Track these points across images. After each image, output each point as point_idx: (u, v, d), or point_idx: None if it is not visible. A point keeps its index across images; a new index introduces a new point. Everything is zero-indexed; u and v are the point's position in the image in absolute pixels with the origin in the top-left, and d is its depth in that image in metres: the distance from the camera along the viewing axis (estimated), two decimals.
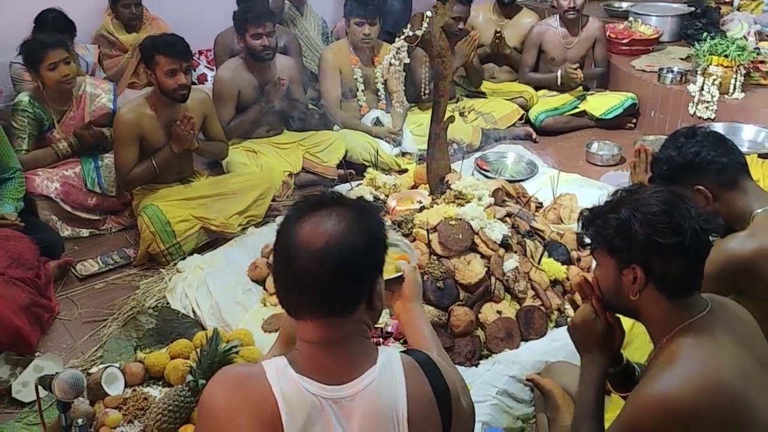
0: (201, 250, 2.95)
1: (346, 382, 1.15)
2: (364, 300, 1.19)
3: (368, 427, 1.13)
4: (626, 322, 2.20)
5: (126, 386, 2.18)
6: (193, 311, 2.54)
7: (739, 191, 1.74)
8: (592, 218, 1.44)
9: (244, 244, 2.91)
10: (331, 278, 1.13)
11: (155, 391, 2.17)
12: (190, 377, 2.04)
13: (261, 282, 2.64)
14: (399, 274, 1.53)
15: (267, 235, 2.92)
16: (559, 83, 4.14)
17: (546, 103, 4.19)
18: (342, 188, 3.10)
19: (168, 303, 2.62)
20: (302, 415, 1.11)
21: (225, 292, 2.57)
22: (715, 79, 3.70)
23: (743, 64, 3.75)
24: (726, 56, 3.73)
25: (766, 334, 1.46)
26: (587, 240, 1.47)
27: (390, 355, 1.21)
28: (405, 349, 1.59)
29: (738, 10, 4.75)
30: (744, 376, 1.31)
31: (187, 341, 2.33)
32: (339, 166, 3.48)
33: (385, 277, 1.55)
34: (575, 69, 4.05)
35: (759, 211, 1.72)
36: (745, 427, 1.28)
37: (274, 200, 3.22)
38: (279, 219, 2.96)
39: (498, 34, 4.18)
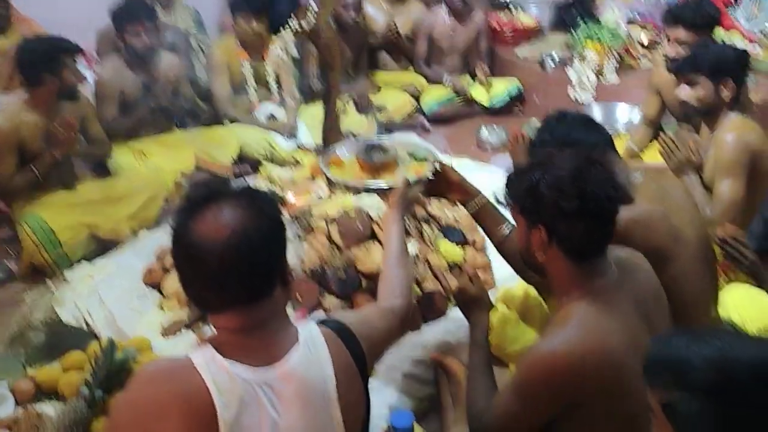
0: (90, 258, 2.81)
1: (273, 363, 1.16)
2: (278, 279, 1.20)
3: (300, 404, 1.15)
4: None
5: (16, 405, 2.06)
6: (86, 322, 2.43)
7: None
8: (511, 178, 1.52)
9: (136, 249, 2.80)
10: (245, 266, 1.13)
11: (49, 408, 2.06)
12: (85, 390, 1.95)
13: (156, 286, 2.55)
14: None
15: (160, 237, 2.81)
16: (446, 85, 4.24)
17: (436, 93, 4.29)
18: (237, 185, 3.04)
19: (57, 316, 2.49)
20: (235, 402, 1.11)
21: (118, 299, 2.47)
22: (591, 64, 3.92)
23: (616, 49, 4.00)
24: (599, 41, 3.96)
25: None
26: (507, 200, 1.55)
27: (310, 330, 1.24)
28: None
29: None
30: (634, 347, 1.35)
31: (81, 353, 2.21)
32: (233, 163, 3.41)
33: (386, 185, 1.85)
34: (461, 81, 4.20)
35: None
36: (633, 398, 1.32)
37: (166, 201, 3.12)
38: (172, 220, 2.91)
39: (395, 32, 4.22)
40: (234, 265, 1.12)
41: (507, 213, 1.62)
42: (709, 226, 2.09)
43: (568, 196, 1.37)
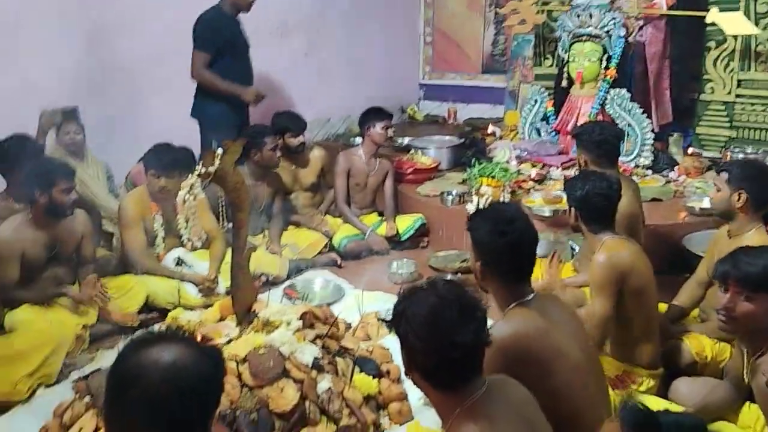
0: None
1: None
2: (200, 428, 1.21)
3: None
4: None
5: None
6: None
7: None
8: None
9: (31, 408, 2.62)
10: (175, 395, 1.16)
11: None
12: None
13: None
14: None
15: (61, 394, 2.66)
16: (366, 238, 4.37)
17: (348, 230, 4.42)
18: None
19: None
20: None
21: None
22: (486, 198, 4.19)
23: (508, 184, 4.32)
24: (493, 177, 4.28)
25: None
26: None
27: None
28: None
29: (500, 139, 5.52)
30: None
31: None
32: (140, 312, 3.31)
33: None
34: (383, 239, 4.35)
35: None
36: None
37: (67, 356, 2.97)
38: (74, 375, 2.76)
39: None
40: (165, 391, 1.16)
41: None
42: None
43: (419, 336, 1.49)
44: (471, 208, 4.25)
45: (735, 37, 4.88)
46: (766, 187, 2.67)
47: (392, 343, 3.03)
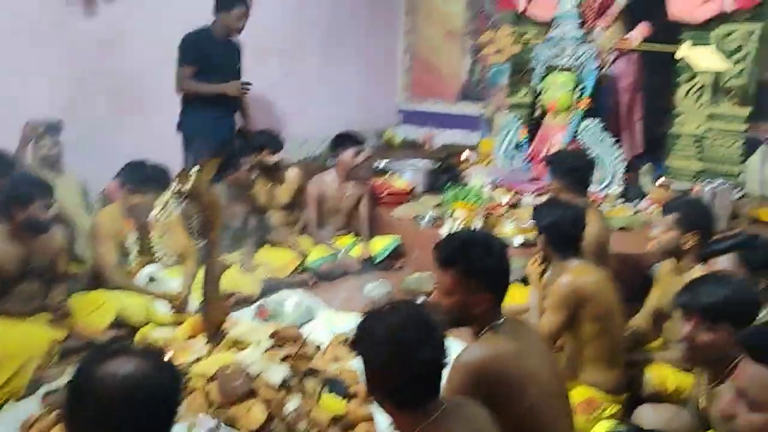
0: None
1: None
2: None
3: None
4: None
5: None
6: None
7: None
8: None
9: (0, 421, 2.59)
10: (131, 407, 1.18)
11: None
12: None
13: None
14: None
15: (29, 408, 2.65)
16: (340, 259, 4.38)
17: (322, 250, 4.45)
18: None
19: None
20: None
21: None
22: (460, 222, 4.27)
23: (482, 209, 4.39)
24: (467, 202, 4.35)
25: None
26: None
27: None
28: None
29: (475, 165, 5.61)
30: None
31: None
32: (111, 328, 3.30)
33: None
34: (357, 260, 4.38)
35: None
36: None
37: (38, 368, 2.94)
38: (43, 389, 2.75)
39: None
40: (121, 406, 1.18)
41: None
42: None
43: (381, 355, 1.53)
44: (445, 231, 4.32)
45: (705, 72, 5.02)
46: (714, 228, 2.85)
47: (361, 364, 3.06)
